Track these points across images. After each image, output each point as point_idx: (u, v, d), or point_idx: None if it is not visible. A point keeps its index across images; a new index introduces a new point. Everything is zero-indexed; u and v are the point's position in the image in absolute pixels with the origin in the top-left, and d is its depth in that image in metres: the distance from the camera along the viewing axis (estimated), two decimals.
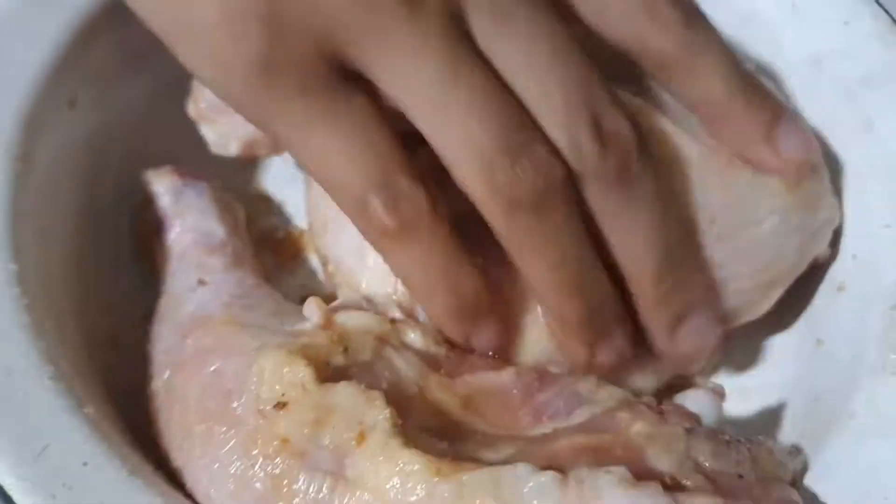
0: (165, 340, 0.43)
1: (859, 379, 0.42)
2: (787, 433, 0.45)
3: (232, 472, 0.37)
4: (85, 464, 0.35)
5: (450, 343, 0.41)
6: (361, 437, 0.36)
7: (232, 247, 0.48)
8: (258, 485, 0.36)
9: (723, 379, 0.47)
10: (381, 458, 0.35)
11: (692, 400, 0.41)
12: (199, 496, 0.38)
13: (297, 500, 0.35)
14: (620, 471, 0.34)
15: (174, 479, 0.38)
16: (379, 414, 0.36)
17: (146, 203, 0.50)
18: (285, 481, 0.36)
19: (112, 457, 0.36)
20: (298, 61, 0.36)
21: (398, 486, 0.35)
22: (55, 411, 0.36)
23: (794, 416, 0.45)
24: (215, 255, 0.47)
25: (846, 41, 0.48)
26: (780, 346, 0.49)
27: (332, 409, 0.36)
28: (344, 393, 0.36)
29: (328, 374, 0.38)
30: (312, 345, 0.38)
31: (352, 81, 0.37)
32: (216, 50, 0.36)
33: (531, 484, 0.34)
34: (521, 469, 0.35)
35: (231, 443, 0.37)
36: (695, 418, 0.40)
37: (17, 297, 0.40)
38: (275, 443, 0.36)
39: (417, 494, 0.34)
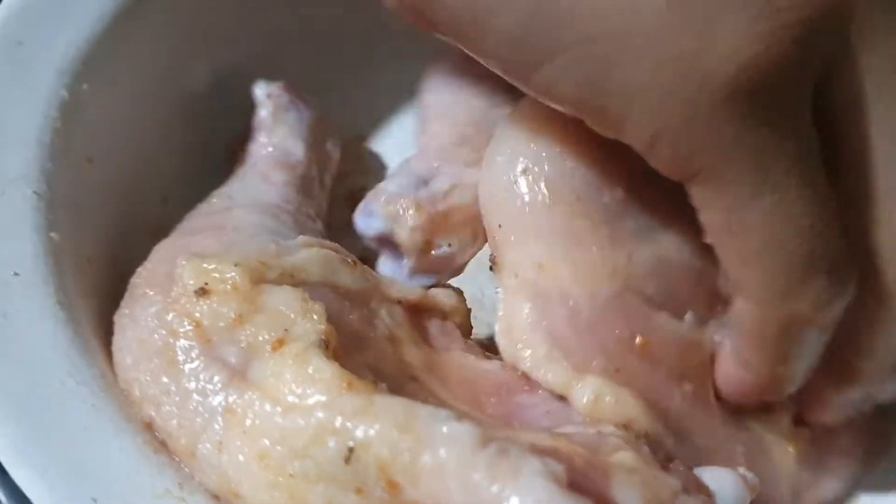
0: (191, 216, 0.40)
1: None
2: None
3: (140, 333, 0.32)
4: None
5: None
6: (280, 343, 0.30)
7: (303, 171, 0.44)
8: (156, 357, 0.31)
9: None
10: (290, 363, 0.29)
11: (712, 475, 0.31)
12: (114, 347, 0.33)
13: (184, 380, 0.30)
14: (557, 468, 0.26)
15: None
16: (311, 325, 0.30)
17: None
18: (181, 358, 0.30)
19: None
20: None
21: (297, 390, 0.28)
22: None
23: None
24: (282, 171, 0.43)
25: None
26: None
27: (261, 309, 0.31)
28: (280, 296, 0.31)
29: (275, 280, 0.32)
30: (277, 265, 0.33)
31: None
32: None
33: (445, 428, 0.27)
34: (443, 413, 0.27)
35: (153, 308, 0.32)
36: (706, 492, 0.30)
37: None
38: (187, 321, 0.31)
39: (315, 399, 0.28)
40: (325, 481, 0.27)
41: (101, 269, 0.38)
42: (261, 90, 0.47)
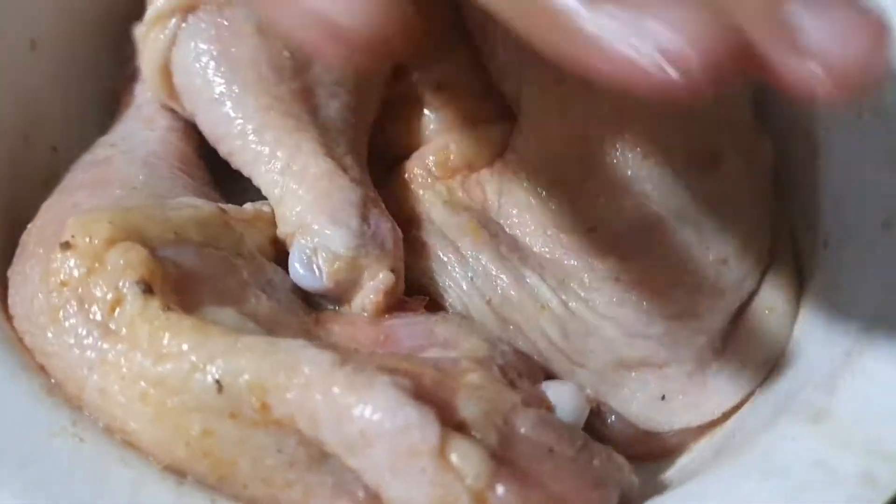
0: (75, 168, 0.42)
1: None
2: None
3: (29, 291, 0.35)
4: None
5: None
6: (117, 302, 0.33)
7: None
8: (42, 315, 0.34)
9: None
10: (138, 317, 0.32)
11: (553, 390, 0.35)
12: (9, 301, 0.36)
13: (64, 335, 0.33)
14: (405, 381, 0.30)
15: None
16: (127, 280, 0.33)
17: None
18: (60, 313, 0.33)
19: None
20: None
21: (162, 341, 0.32)
22: None
23: None
24: (165, 115, 0.45)
25: None
26: None
27: (105, 265, 0.33)
28: (115, 252, 0.33)
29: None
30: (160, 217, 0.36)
31: None
32: None
33: (306, 354, 0.31)
34: (302, 342, 0.31)
35: (39, 266, 0.35)
36: (547, 405, 0.34)
37: None
38: (52, 279, 0.33)
39: (180, 346, 0.31)
40: (201, 411, 0.31)
41: None
42: (140, 31, 0.48)
